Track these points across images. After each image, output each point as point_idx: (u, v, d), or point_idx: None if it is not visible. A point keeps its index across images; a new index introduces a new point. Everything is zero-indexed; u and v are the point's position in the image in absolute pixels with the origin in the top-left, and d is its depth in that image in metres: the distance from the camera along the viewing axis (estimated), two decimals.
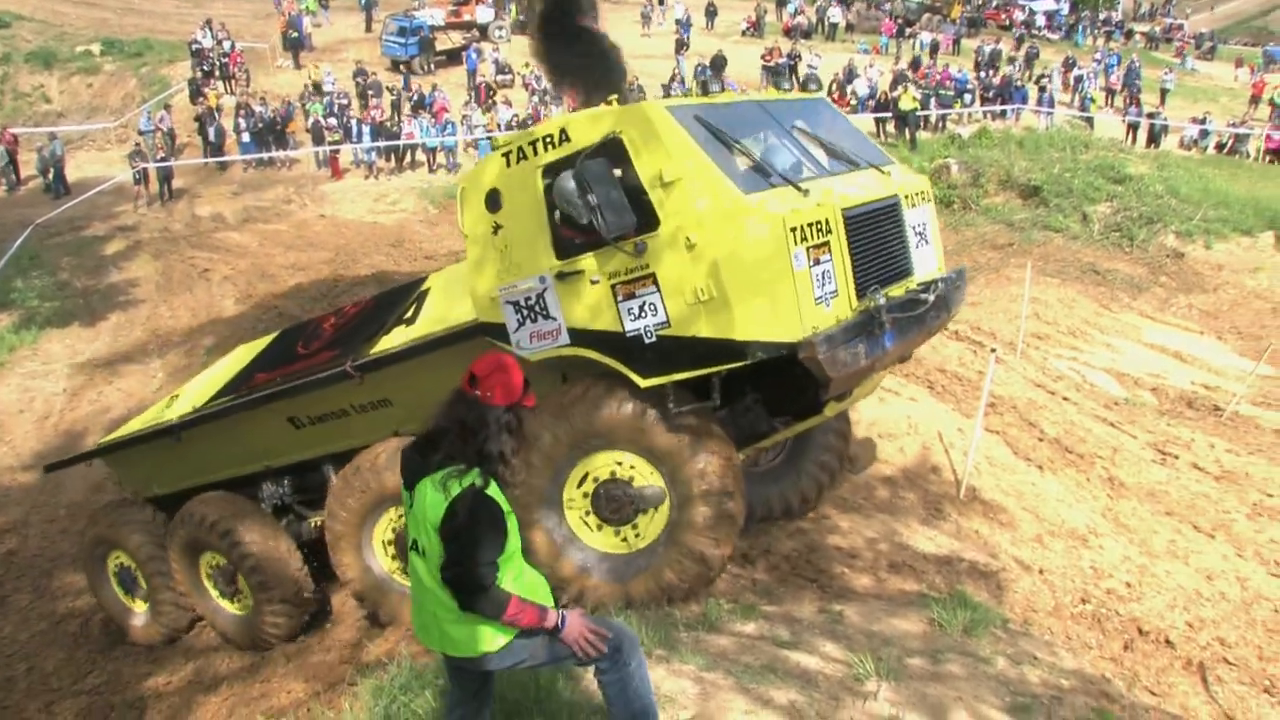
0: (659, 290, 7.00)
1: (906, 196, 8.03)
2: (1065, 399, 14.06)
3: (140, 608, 11.54)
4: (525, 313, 7.69)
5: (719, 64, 36.63)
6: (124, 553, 11.40)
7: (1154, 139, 33.98)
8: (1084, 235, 23.50)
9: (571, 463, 7.73)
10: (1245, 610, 9.49)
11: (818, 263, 6.82)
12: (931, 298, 7.62)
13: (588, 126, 7.23)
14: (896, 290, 7.61)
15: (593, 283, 7.30)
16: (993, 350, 12.36)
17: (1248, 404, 15.00)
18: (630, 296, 7.13)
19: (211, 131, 31.32)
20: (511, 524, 4.35)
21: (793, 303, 6.63)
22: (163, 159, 29.25)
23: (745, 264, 6.69)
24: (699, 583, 7.72)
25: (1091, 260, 22.24)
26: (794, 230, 6.62)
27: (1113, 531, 10.69)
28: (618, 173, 7.16)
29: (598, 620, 4.55)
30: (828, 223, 6.93)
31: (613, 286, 7.20)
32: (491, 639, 4.36)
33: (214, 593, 10.73)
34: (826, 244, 6.91)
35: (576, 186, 6.95)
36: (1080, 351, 16.94)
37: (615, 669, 4.49)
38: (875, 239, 7.49)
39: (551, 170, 7.37)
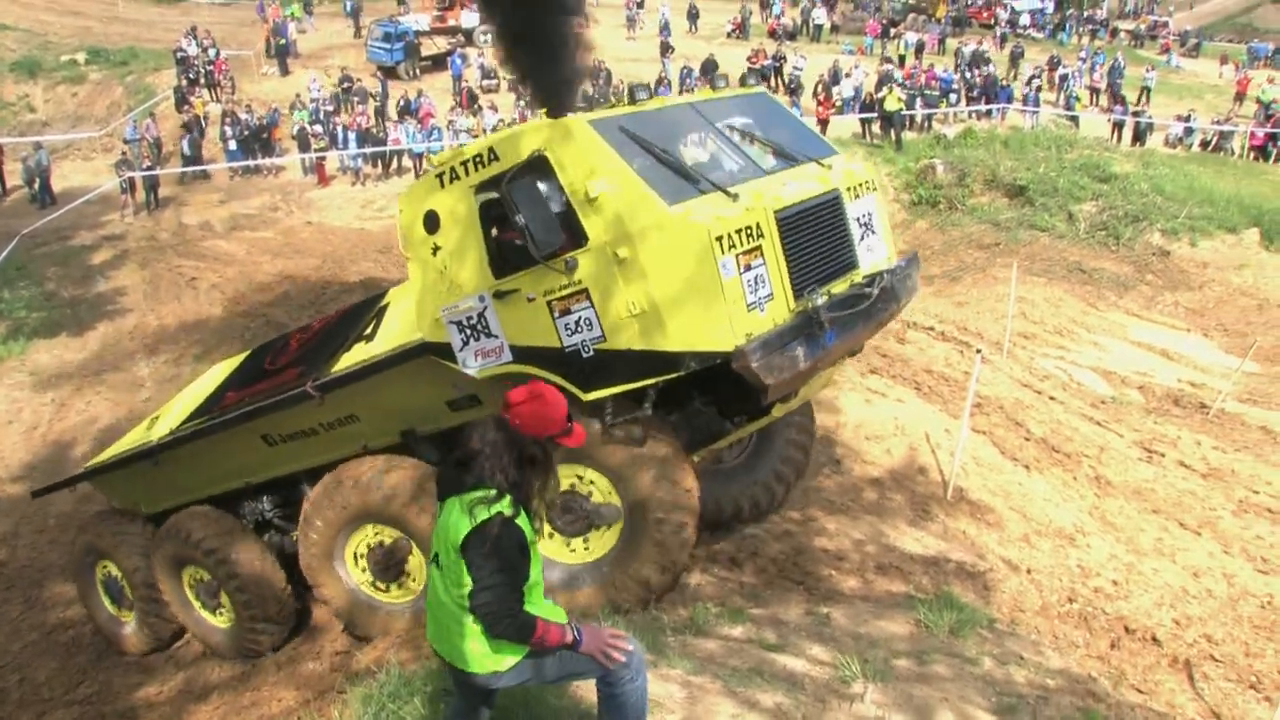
0: (593, 305, 6.99)
1: (848, 189, 7.94)
2: (1052, 398, 14.11)
3: (128, 617, 11.55)
4: (468, 332, 7.70)
5: (710, 68, 36.61)
6: (111, 563, 11.41)
7: (1139, 137, 34.05)
8: (1070, 234, 23.56)
9: None
10: (1232, 607, 9.55)
11: (749, 268, 6.79)
12: (876, 291, 7.54)
13: (514, 144, 7.21)
14: (840, 286, 7.57)
15: (529, 300, 7.29)
16: (978, 351, 12.41)
17: (1234, 401, 15.07)
18: (566, 312, 7.13)
19: (185, 143, 31.18)
20: (534, 554, 4.38)
21: (723, 312, 6.61)
22: (149, 167, 29.19)
23: (672, 276, 6.68)
24: (639, 602, 7.75)
25: (1078, 259, 22.31)
26: (720, 239, 6.59)
27: (1100, 530, 10.75)
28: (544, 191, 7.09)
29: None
30: (759, 227, 6.90)
31: (549, 303, 7.19)
32: (502, 658, 4.39)
33: (198, 606, 10.75)
34: (758, 248, 6.87)
35: (505, 206, 6.96)
36: (1067, 350, 17.00)
37: (620, 684, 4.49)
38: (813, 237, 7.42)
39: (483, 189, 7.37)
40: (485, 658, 4.38)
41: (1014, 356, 15.78)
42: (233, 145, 31.35)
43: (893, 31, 46.76)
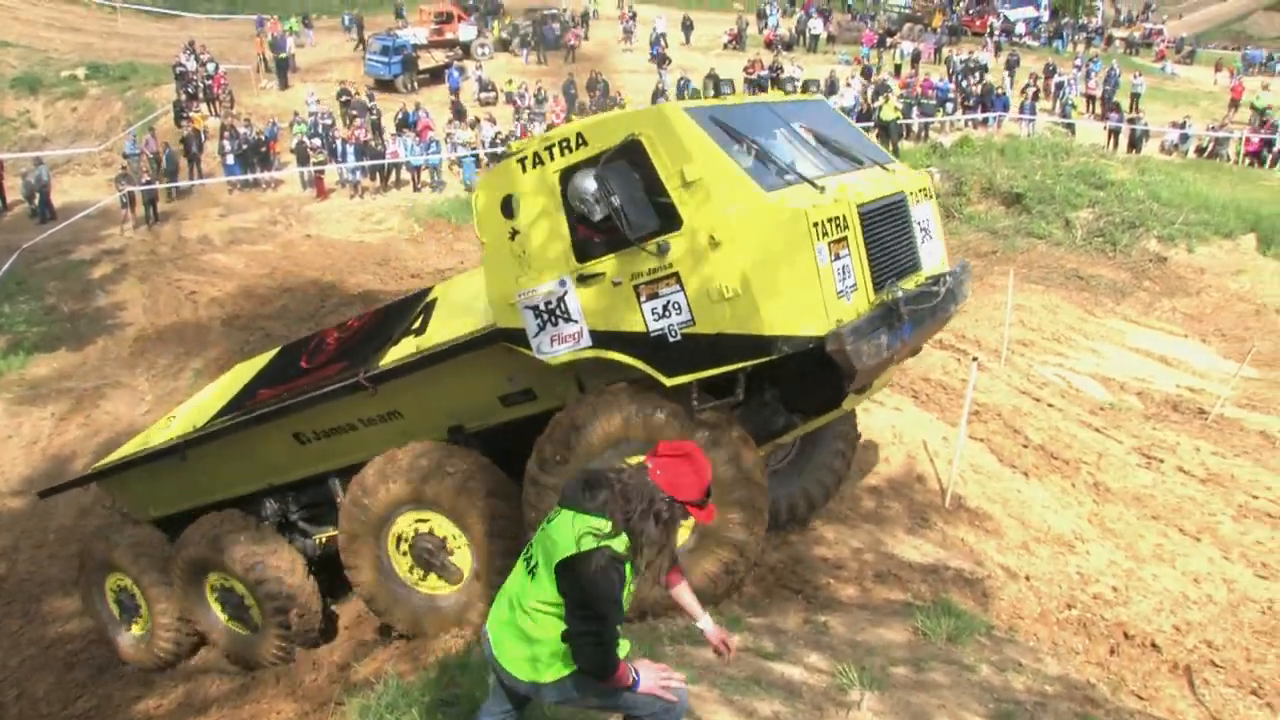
0: (683, 289, 7.05)
1: (911, 193, 8.17)
2: (1050, 405, 14.10)
3: (137, 630, 11.48)
4: (545, 317, 7.71)
5: (715, 82, 36.66)
6: (125, 575, 11.30)
7: (1135, 144, 34.15)
8: (1067, 241, 23.59)
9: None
10: (1232, 612, 9.53)
11: (838, 257, 6.91)
12: (943, 290, 7.70)
13: (605, 130, 7.29)
14: (908, 284, 7.72)
15: (615, 284, 7.32)
16: (974, 359, 12.42)
17: (1232, 406, 15.07)
18: (654, 296, 7.18)
19: (166, 156, 31.05)
20: (626, 599, 4.31)
21: (818, 297, 6.73)
22: (148, 182, 29.24)
23: (770, 260, 6.76)
24: (726, 585, 7.84)
25: (1075, 266, 22.32)
26: (816, 225, 6.70)
27: (1099, 536, 10.73)
28: (637, 175, 7.17)
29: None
30: (845, 218, 7.02)
31: (635, 287, 7.23)
32: (549, 670, 4.37)
33: (220, 613, 10.67)
34: (845, 239, 7.00)
35: (599, 189, 6.97)
36: (1065, 357, 17.00)
37: None
38: (887, 234, 7.61)
39: (569, 175, 7.39)
40: (534, 668, 4.37)
41: (1012, 364, 15.78)
42: (231, 159, 31.40)
43: (889, 41, 46.82)
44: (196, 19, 50.77)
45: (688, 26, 47.94)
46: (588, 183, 7.06)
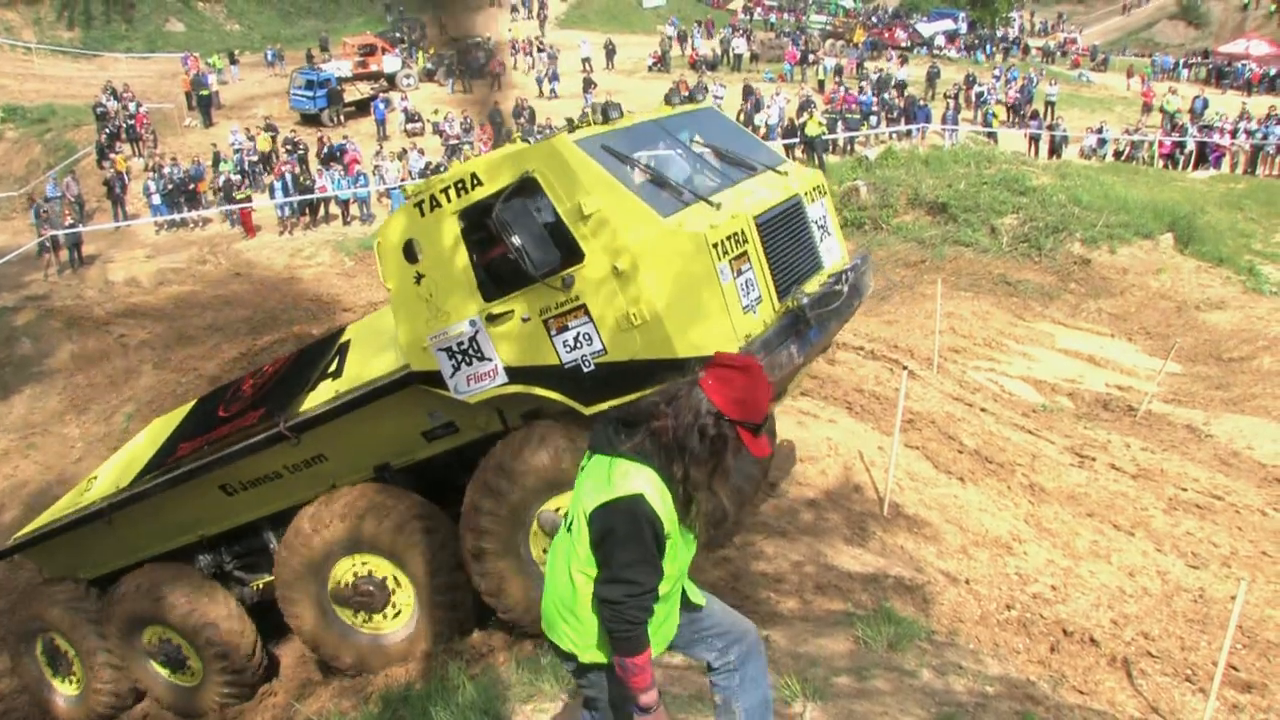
0: (591, 320, 7.10)
1: (805, 193, 8.26)
2: (983, 410, 14.28)
3: (71, 689, 11.21)
4: (459, 357, 7.72)
5: (604, 107, 36.70)
6: (57, 633, 11.03)
7: (1055, 150, 34.84)
8: (993, 248, 23.96)
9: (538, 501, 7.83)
10: (1166, 603, 9.71)
11: (740, 273, 7.01)
12: (845, 288, 7.83)
13: (499, 168, 7.30)
14: (811, 285, 7.83)
15: (524, 320, 7.36)
16: (905, 368, 12.56)
17: (1159, 402, 15.40)
18: (563, 329, 7.22)
19: (33, 212, 29.54)
20: (672, 549, 3.84)
21: (724, 315, 6.81)
22: (71, 225, 28.74)
23: (674, 284, 6.84)
24: None
25: (1002, 272, 22.69)
26: (715, 246, 6.79)
27: (1036, 537, 10.86)
28: (535, 211, 7.20)
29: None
30: (743, 233, 7.12)
31: (544, 322, 7.28)
32: (587, 652, 4.00)
33: (160, 666, 10.44)
34: (745, 253, 7.10)
35: (498, 229, 7.01)
36: (997, 362, 17.25)
37: None
38: (786, 240, 7.72)
39: (467, 215, 7.43)
40: (573, 641, 4.02)
41: (945, 371, 15.95)
42: (157, 199, 30.96)
43: (811, 58, 47.34)
44: (116, 58, 50.07)
45: (611, 51, 48.17)
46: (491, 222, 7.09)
